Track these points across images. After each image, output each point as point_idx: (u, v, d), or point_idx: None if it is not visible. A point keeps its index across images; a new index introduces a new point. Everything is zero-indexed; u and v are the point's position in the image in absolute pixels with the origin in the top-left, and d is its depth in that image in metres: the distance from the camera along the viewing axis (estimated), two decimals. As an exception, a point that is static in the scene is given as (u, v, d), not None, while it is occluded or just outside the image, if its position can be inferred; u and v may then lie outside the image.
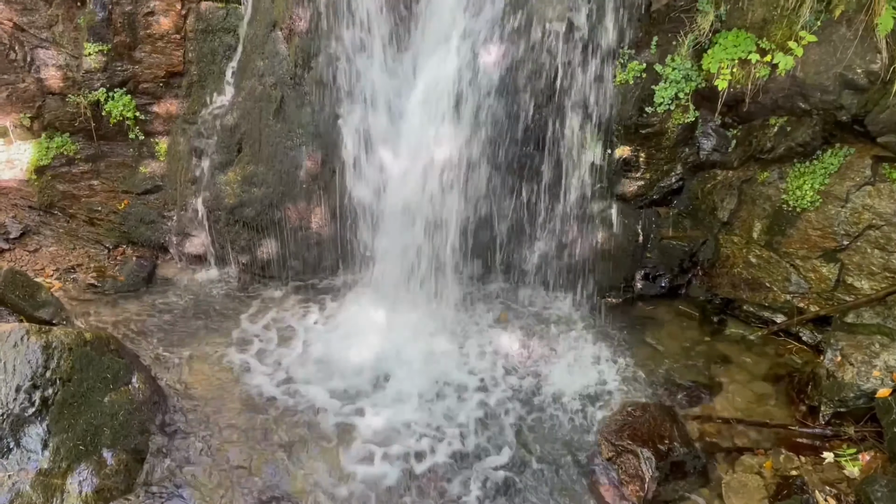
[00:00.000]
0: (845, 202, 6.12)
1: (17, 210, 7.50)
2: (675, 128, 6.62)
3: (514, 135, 6.77)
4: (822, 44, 5.67)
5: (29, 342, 5.04)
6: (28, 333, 5.07)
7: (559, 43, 6.51)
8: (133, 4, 6.84)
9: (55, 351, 5.11)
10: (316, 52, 6.75)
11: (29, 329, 5.09)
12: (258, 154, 6.99)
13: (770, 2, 5.71)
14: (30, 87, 6.98)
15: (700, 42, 6.13)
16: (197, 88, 7.33)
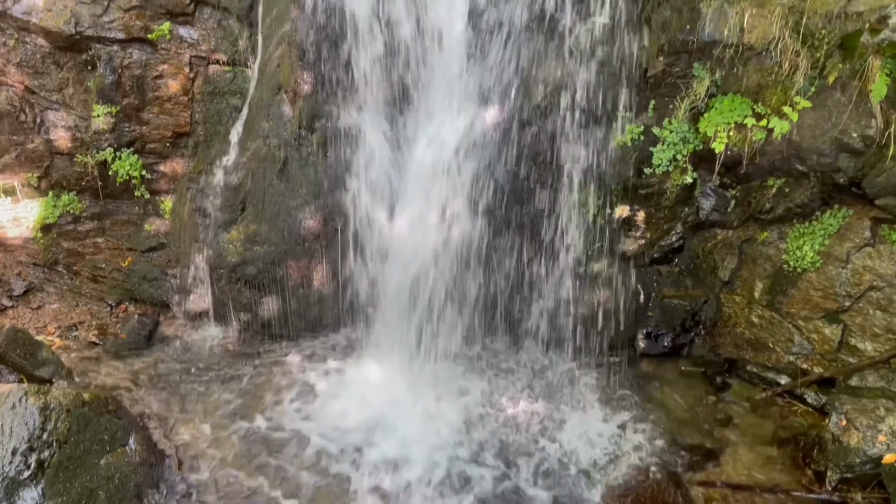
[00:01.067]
0: (846, 263, 6.12)
1: (22, 267, 7.56)
2: (674, 188, 6.68)
3: (514, 194, 6.84)
4: (817, 109, 5.76)
5: (27, 404, 5.02)
6: (27, 395, 5.05)
7: (558, 106, 6.63)
8: (142, 68, 7.02)
9: (53, 413, 5.08)
10: (319, 115, 6.88)
11: (28, 390, 5.08)
12: (261, 213, 7.07)
13: (764, 68, 5.82)
14: (38, 148, 7.12)
15: (696, 106, 6.23)
16: (203, 148, 7.46)
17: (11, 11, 6.53)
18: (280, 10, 6.94)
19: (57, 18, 6.63)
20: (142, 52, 7.02)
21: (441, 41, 7.03)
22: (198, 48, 7.15)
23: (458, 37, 6.96)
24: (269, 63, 7.10)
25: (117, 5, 6.78)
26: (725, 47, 5.83)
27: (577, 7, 6.55)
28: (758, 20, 5.68)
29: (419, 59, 7.03)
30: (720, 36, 5.81)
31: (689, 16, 5.94)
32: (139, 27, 6.89)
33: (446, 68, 7.04)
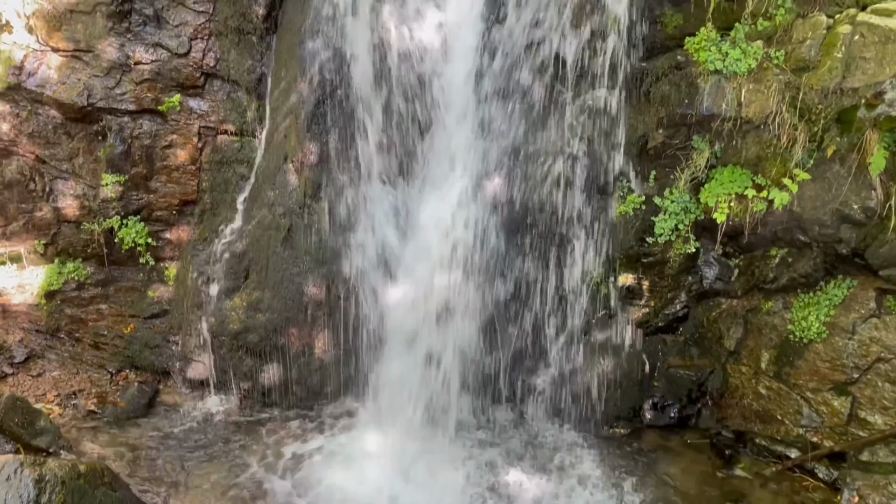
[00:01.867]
0: (852, 334, 6.06)
1: (25, 334, 7.55)
2: (676, 257, 6.68)
3: (517, 263, 6.86)
4: (817, 180, 5.80)
5: (22, 475, 4.94)
6: (22, 466, 4.97)
7: (560, 175, 6.71)
8: (152, 138, 7.16)
9: (48, 485, 4.99)
10: (324, 184, 6.97)
11: (23, 461, 4.99)
12: (265, 280, 7.08)
13: (763, 141, 5.89)
14: (46, 216, 7.21)
15: (697, 177, 6.28)
16: (209, 216, 7.54)
17: (26, 84, 6.71)
18: (288, 83, 7.11)
19: (70, 91, 6.80)
20: (152, 123, 7.17)
21: (444, 112, 7.18)
22: (207, 119, 7.30)
23: (460, 107, 7.10)
24: (277, 133, 7.23)
25: (130, 78, 6.96)
26: (724, 120, 5.91)
27: (578, 80, 6.69)
28: (755, 95, 5.78)
29: (422, 129, 7.16)
30: (718, 110, 5.90)
31: (688, 90, 6.05)
32: (150, 99, 7.06)
33: (449, 138, 7.16)
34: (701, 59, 5.95)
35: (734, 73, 5.83)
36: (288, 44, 7.21)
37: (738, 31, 5.87)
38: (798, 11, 5.75)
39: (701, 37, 5.98)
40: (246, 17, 7.19)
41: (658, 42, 6.49)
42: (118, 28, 6.84)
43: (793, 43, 5.72)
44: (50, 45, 6.73)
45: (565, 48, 6.60)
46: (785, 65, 5.74)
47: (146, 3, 6.89)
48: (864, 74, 5.35)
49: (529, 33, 6.67)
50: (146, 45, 6.97)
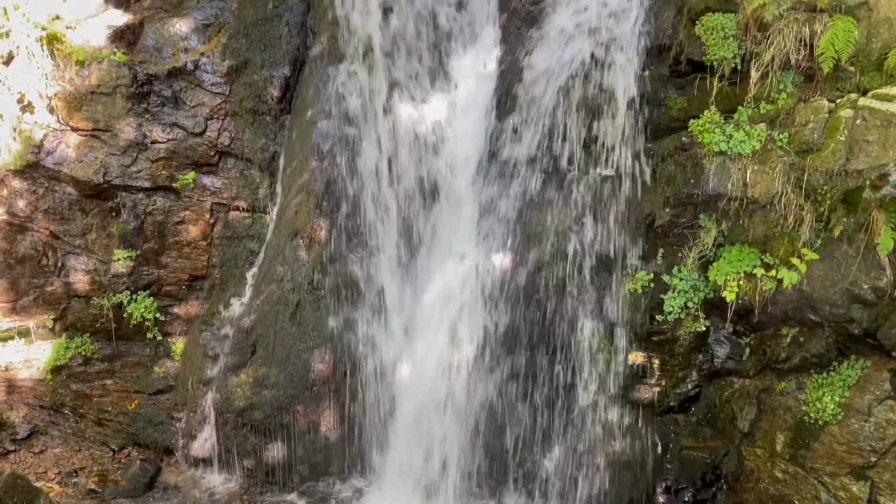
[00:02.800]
0: (868, 416, 5.93)
1: (29, 410, 7.49)
2: (687, 335, 6.61)
3: (525, 340, 6.80)
4: (826, 260, 5.80)
5: (16, 560, 4.82)
6: (17, 550, 4.85)
7: (568, 252, 6.73)
8: (165, 214, 7.28)
9: (42, 570, 4.86)
10: (333, 260, 7.02)
11: (18, 545, 4.88)
12: (271, 356, 7.04)
13: (770, 220, 5.93)
14: (57, 291, 7.26)
15: (705, 255, 6.30)
16: (218, 291, 7.57)
17: (44, 162, 6.87)
18: (300, 161, 7.27)
19: (87, 169, 6.96)
20: (165, 200, 7.30)
21: (451, 190, 7.30)
22: (220, 196, 7.43)
23: (466, 184, 7.23)
24: (288, 210, 7.34)
25: (146, 156, 7.13)
26: (730, 200, 5.97)
27: (584, 159, 6.81)
28: (760, 176, 5.85)
29: (429, 207, 7.26)
30: (724, 190, 5.97)
31: (693, 170, 6.13)
32: (165, 176, 7.21)
33: (456, 215, 7.26)
34: (705, 140, 6.05)
35: (739, 154, 5.92)
36: (301, 124, 7.41)
37: (742, 113, 5.99)
38: (799, 96, 5.88)
39: (705, 119, 6.10)
40: (261, 99, 7.41)
41: (663, 123, 6.63)
42: (137, 109, 7.05)
43: (796, 126, 5.83)
44: (70, 124, 6.92)
45: (572, 128, 6.75)
46: (789, 147, 5.83)
47: (165, 85, 7.12)
48: (868, 157, 5.42)
49: (537, 114, 6.84)
50: (163, 124, 7.16)
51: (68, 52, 6.77)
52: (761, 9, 5.67)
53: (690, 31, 6.20)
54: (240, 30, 7.42)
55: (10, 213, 6.89)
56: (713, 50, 6.00)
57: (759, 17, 5.76)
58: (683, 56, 6.33)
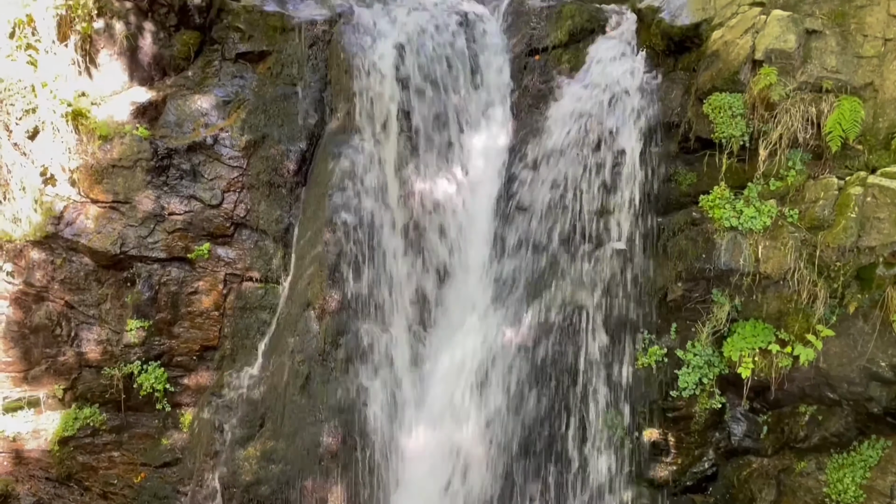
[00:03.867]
0: (891, 499, 5.75)
1: (34, 482, 7.39)
2: (702, 412, 6.50)
3: (537, 414, 6.70)
4: (841, 336, 5.74)
5: None
6: None
7: (580, 325, 6.71)
8: (179, 285, 7.34)
9: None
10: (345, 331, 7.01)
11: None
12: (280, 429, 6.96)
13: (783, 296, 5.90)
14: (69, 360, 7.27)
15: (719, 330, 6.25)
16: (228, 362, 7.55)
17: (63, 233, 6.99)
18: (313, 232, 7.35)
19: (105, 240, 7.07)
20: (180, 270, 7.37)
21: (464, 261, 7.35)
22: (234, 266, 7.50)
23: (478, 257, 7.28)
24: (300, 281, 7.38)
25: (162, 228, 7.24)
26: (742, 275, 5.96)
27: (595, 232, 6.86)
28: (772, 251, 5.86)
29: (442, 278, 7.30)
30: (736, 265, 5.97)
31: (704, 245, 6.15)
32: (180, 247, 7.30)
33: (466, 287, 7.29)
34: (716, 216, 6.09)
35: (750, 229, 5.94)
36: (316, 196, 7.53)
37: (751, 190, 6.05)
38: (809, 173, 5.94)
39: (715, 195, 6.16)
40: (277, 172, 7.56)
41: (673, 198, 6.70)
42: (156, 181, 7.21)
43: (806, 202, 5.87)
44: (90, 196, 7.07)
45: (583, 202, 6.83)
46: (800, 223, 5.85)
47: (184, 158, 7.29)
48: (880, 234, 5.43)
49: (548, 190, 6.93)
50: (181, 196, 7.30)
51: (92, 128, 6.98)
52: (768, 89, 5.79)
53: (698, 110, 6.33)
54: (259, 106, 7.64)
55: (27, 283, 6.97)
56: (721, 128, 6.10)
57: (765, 97, 5.87)
58: (692, 133, 6.44)
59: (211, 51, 7.86)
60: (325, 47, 7.90)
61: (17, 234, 6.82)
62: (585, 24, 7.64)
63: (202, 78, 7.70)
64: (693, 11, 6.65)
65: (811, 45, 5.91)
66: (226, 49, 7.79)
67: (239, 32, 7.79)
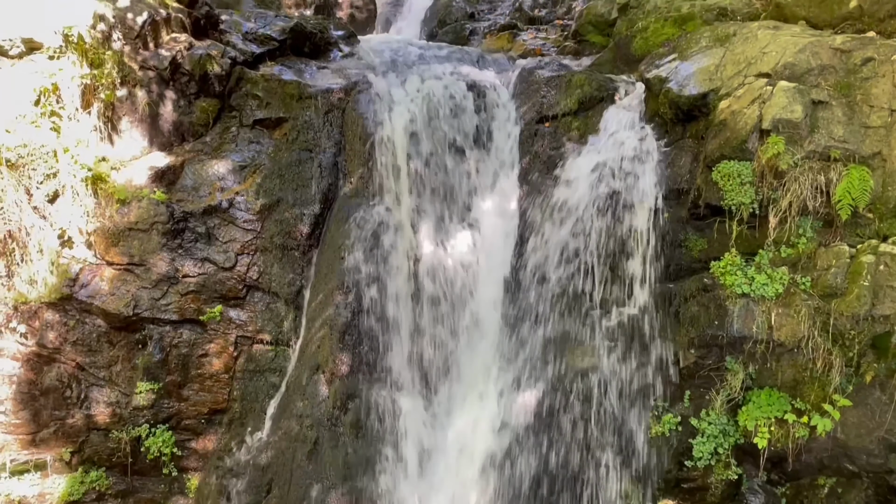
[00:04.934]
0: (918, 578, 5.55)
1: (36, 548, 7.25)
2: (718, 483, 6.35)
3: (549, 487, 6.57)
4: (859, 406, 5.65)
5: None
6: None
7: (592, 392, 6.63)
8: (190, 347, 7.34)
9: None
10: (354, 395, 6.96)
11: None
12: (286, 496, 6.85)
13: (798, 364, 5.83)
14: (77, 423, 7.22)
15: (734, 398, 6.16)
16: (237, 425, 7.48)
17: (77, 295, 7.05)
18: (325, 295, 7.38)
19: (118, 301, 7.12)
20: (192, 332, 7.39)
21: (473, 326, 7.33)
22: (245, 329, 7.51)
23: (489, 321, 7.28)
24: (311, 343, 7.37)
25: (176, 290, 7.30)
26: (756, 343, 5.91)
27: (607, 298, 6.85)
28: (785, 319, 5.82)
29: (453, 344, 7.28)
30: (749, 332, 5.93)
31: (717, 312, 6.12)
32: (193, 310, 7.34)
33: (477, 351, 7.25)
34: (727, 282, 6.08)
35: (762, 296, 5.92)
36: (329, 259, 7.59)
37: (763, 256, 6.05)
38: (820, 241, 5.95)
39: (726, 261, 6.16)
40: (291, 235, 7.65)
41: (684, 264, 6.70)
42: (171, 244, 7.30)
43: (818, 270, 5.86)
44: (106, 259, 7.16)
45: (594, 267, 6.85)
46: (812, 290, 5.83)
47: (200, 222, 7.40)
48: (894, 303, 5.40)
49: (559, 254, 6.96)
50: (195, 259, 7.37)
51: (111, 192, 7.12)
52: (776, 158, 5.86)
53: (707, 177, 6.39)
54: (274, 170, 7.78)
55: (40, 344, 7.00)
56: (730, 195, 6.15)
57: (774, 166, 5.94)
58: (702, 200, 6.49)
59: (229, 117, 8.06)
60: (341, 114, 8.09)
61: (32, 296, 6.88)
62: (595, 93, 7.81)
63: (220, 143, 7.88)
64: (700, 82, 6.79)
65: (818, 115, 6.00)
66: (243, 116, 7.99)
67: (257, 100, 8.00)
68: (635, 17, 9.00)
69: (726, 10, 7.95)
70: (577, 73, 8.09)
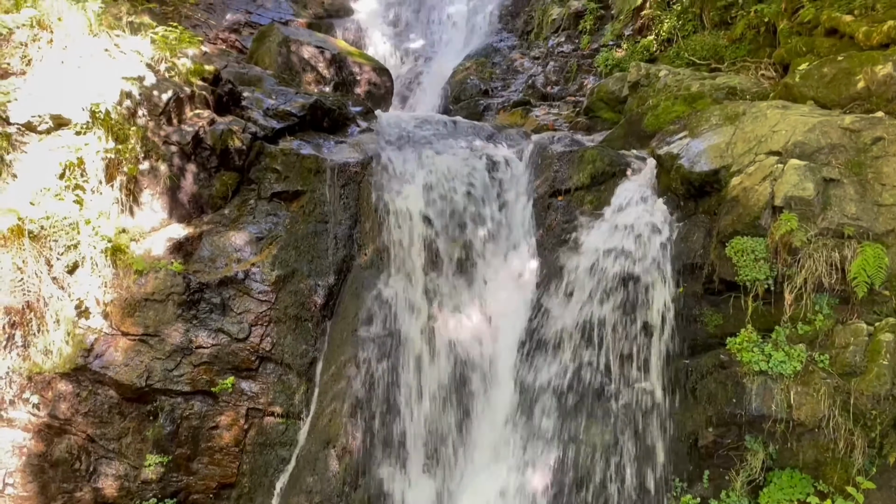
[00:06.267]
0: None
1: None
2: (742, 567, 6.13)
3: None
4: (883, 489, 5.51)
5: None
6: None
7: (609, 471, 6.50)
8: (200, 419, 7.29)
9: None
10: (365, 471, 6.85)
11: None
12: (295, 577, 6.66)
13: (820, 444, 5.71)
14: (85, 496, 7.10)
15: (754, 479, 6.00)
16: (245, 501, 7.35)
17: (91, 366, 7.05)
18: (338, 367, 7.36)
19: (131, 372, 7.11)
20: (203, 404, 7.34)
21: (486, 400, 7.26)
22: (256, 401, 7.46)
23: (502, 394, 7.21)
24: (322, 417, 7.30)
25: (189, 361, 7.29)
26: (775, 422, 5.80)
27: (622, 373, 6.78)
28: (804, 398, 5.72)
29: (466, 419, 7.19)
30: (768, 411, 5.82)
31: (734, 389, 6.04)
32: (205, 381, 7.31)
33: (491, 426, 7.15)
34: (744, 359, 6.02)
35: (780, 374, 5.85)
36: (342, 330, 7.60)
37: (779, 333, 6.00)
38: (837, 318, 5.90)
39: (742, 337, 6.11)
40: (305, 306, 7.68)
41: (700, 340, 6.64)
42: (186, 315, 7.34)
43: (836, 347, 5.79)
44: (121, 329, 7.19)
45: (608, 342, 6.81)
46: (831, 368, 5.75)
47: (215, 293, 7.46)
48: (915, 383, 5.31)
49: (572, 328, 6.94)
50: (209, 330, 7.40)
51: (129, 263, 7.21)
52: (789, 235, 5.88)
53: (721, 253, 6.40)
54: (290, 242, 7.88)
55: (52, 415, 6.97)
56: (745, 271, 6.14)
57: (787, 242, 5.95)
58: (716, 275, 6.48)
59: (248, 190, 8.22)
60: (357, 187, 8.24)
61: (47, 366, 6.89)
62: (607, 168, 7.92)
63: (238, 215, 8.01)
64: (711, 158, 6.88)
65: (830, 192, 6.04)
66: (262, 189, 8.15)
67: (275, 173, 8.17)
68: (646, 94, 9.23)
69: (735, 89, 8.14)
70: (590, 149, 8.23)
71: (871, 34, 7.35)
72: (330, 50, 12.00)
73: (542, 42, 13.72)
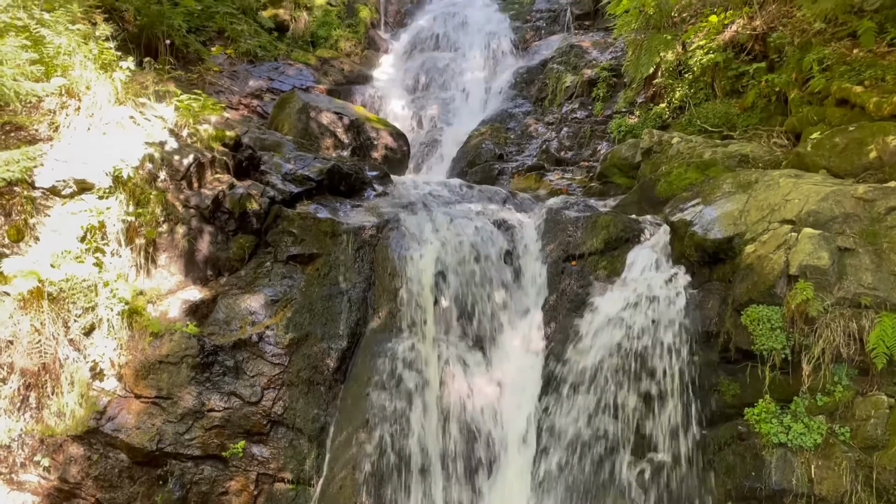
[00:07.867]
0: None
1: None
2: None
3: None
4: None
5: None
6: None
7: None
8: (210, 485, 7.20)
9: None
10: (376, 538, 6.71)
11: None
12: None
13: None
14: (90, 563, 7.01)
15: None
16: (252, 570, 7.19)
17: (103, 428, 7.03)
18: (349, 433, 7.28)
19: (143, 435, 7.08)
20: (213, 469, 7.26)
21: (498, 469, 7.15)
22: (266, 466, 7.37)
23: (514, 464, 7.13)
24: (333, 484, 7.19)
25: (200, 424, 7.25)
26: (796, 497, 5.65)
27: (637, 444, 6.66)
28: (825, 472, 5.58)
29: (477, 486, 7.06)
30: (789, 485, 5.68)
31: (753, 462, 5.90)
32: (216, 445, 7.25)
33: (506, 494, 7.00)
34: (763, 430, 5.91)
35: (800, 447, 5.72)
36: (354, 394, 7.54)
37: (798, 404, 5.90)
38: (857, 389, 5.80)
39: (760, 408, 6.01)
40: (317, 370, 7.65)
41: (717, 410, 6.53)
42: (199, 377, 7.34)
43: (857, 420, 5.67)
44: (134, 392, 7.20)
45: (622, 412, 6.72)
46: (852, 441, 5.62)
47: (229, 355, 7.47)
48: (940, 459, 5.16)
49: (586, 395, 6.86)
50: (222, 393, 7.38)
51: (145, 325, 7.27)
52: (805, 304, 5.84)
53: (736, 321, 6.35)
54: (305, 305, 7.92)
55: (62, 478, 6.92)
56: (761, 340, 6.08)
57: (803, 311, 5.90)
58: (732, 344, 6.41)
59: (264, 252, 8.32)
60: (371, 251, 8.31)
61: (59, 429, 6.88)
62: (620, 234, 7.95)
63: (254, 278, 8.09)
64: (724, 226, 6.90)
65: (845, 261, 6.02)
66: (278, 251, 8.25)
67: (292, 237, 8.28)
68: (658, 161, 9.32)
69: (748, 157, 8.21)
70: (603, 214, 8.29)
71: (882, 105, 7.43)
72: (348, 116, 12.29)
73: (556, 108, 13.98)
